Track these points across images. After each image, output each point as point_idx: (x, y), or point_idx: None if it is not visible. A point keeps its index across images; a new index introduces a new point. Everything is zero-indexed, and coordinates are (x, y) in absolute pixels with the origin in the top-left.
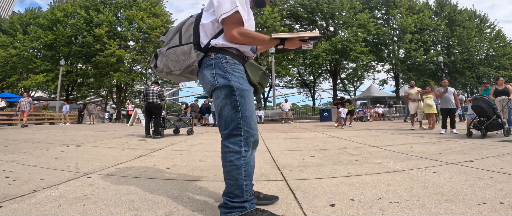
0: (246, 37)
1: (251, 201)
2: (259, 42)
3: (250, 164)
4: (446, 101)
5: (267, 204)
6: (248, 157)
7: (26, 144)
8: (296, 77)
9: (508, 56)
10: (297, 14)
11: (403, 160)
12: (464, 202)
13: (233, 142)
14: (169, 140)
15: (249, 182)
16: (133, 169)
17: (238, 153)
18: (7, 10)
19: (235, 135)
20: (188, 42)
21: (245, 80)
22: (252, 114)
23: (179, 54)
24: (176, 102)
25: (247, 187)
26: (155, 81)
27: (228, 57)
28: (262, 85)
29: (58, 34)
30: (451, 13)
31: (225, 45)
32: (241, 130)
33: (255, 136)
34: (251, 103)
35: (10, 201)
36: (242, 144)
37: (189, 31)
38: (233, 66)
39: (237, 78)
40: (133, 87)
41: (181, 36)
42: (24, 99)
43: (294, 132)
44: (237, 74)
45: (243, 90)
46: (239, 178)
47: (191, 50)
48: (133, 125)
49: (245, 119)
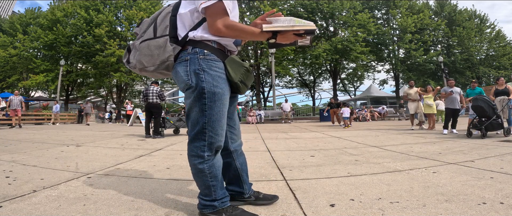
0: (232, 30)
1: (222, 200)
2: (248, 35)
3: (215, 166)
4: (452, 101)
5: (266, 204)
6: (211, 161)
7: (26, 144)
8: (296, 77)
9: (508, 56)
10: (297, 14)
11: (403, 160)
12: (464, 202)
13: (197, 146)
14: (169, 140)
15: (216, 182)
16: (133, 169)
17: (200, 158)
18: (7, 10)
19: (199, 139)
20: (163, 35)
21: (223, 79)
22: (220, 119)
23: (153, 48)
24: (176, 102)
25: (215, 187)
26: (155, 81)
27: (206, 52)
28: (244, 83)
29: (58, 34)
30: (451, 13)
31: (204, 38)
32: (205, 135)
33: (219, 142)
34: (222, 107)
35: (10, 201)
36: (205, 149)
37: (165, 22)
38: (210, 63)
39: (212, 78)
40: (133, 87)
41: (156, 28)
42: (15, 97)
43: (294, 132)
44: (214, 72)
45: (214, 93)
46: (204, 179)
47: (166, 43)
48: (133, 125)
49: (211, 124)
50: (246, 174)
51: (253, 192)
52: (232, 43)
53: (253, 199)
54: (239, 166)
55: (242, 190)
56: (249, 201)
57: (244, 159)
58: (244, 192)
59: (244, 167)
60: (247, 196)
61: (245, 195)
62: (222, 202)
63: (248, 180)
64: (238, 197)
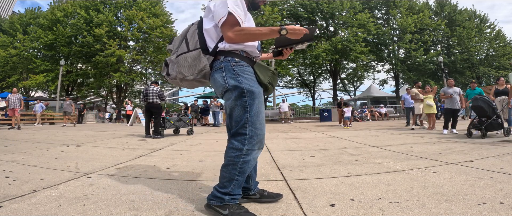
0: (242, 34)
1: (233, 197)
2: (259, 35)
3: (249, 163)
4: (452, 101)
5: (270, 202)
6: (248, 156)
7: (26, 144)
8: (296, 77)
9: (508, 56)
10: (297, 14)
11: (403, 160)
12: (464, 202)
13: (238, 139)
14: (169, 140)
15: (241, 179)
16: (133, 169)
17: (239, 151)
18: (7, 10)
19: (241, 134)
20: (196, 48)
21: (255, 81)
22: (259, 114)
23: (190, 60)
24: (176, 102)
25: (237, 183)
26: (155, 81)
27: (237, 60)
28: (272, 85)
29: (58, 34)
30: (451, 13)
31: (233, 48)
32: (246, 129)
33: (259, 136)
34: (260, 104)
35: (10, 201)
36: (246, 142)
37: (194, 37)
38: (243, 68)
39: (247, 80)
40: (133, 87)
41: (187, 43)
42: (13, 95)
43: (294, 132)
44: (247, 75)
45: (252, 92)
46: (233, 172)
47: (200, 54)
48: (133, 125)
49: (251, 119)
50: (255, 171)
51: (259, 190)
52: (256, 49)
53: (258, 197)
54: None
55: (248, 186)
56: (254, 199)
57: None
58: (250, 188)
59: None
60: (252, 193)
61: (251, 191)
62: (232, 198)
63: (256, 177)
64: (244, 194)
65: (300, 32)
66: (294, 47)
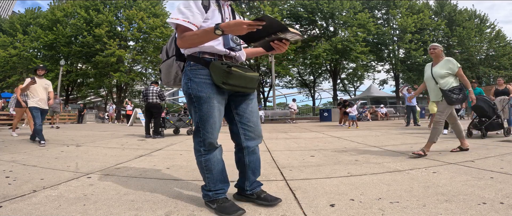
0: (183, 40)
1: (216, 191)
2: (196, 38)
3: (211, 161)
4: None
5: (265, 205)
6: (207, 155)
7: (26, 144)
8: (296, 77)
9: (508, 56)
10: (297, 14)
11: (403, 160)
12: (464, 202)
13: (196, 141)
14: (169, 140)
15: (211, 176)
16: (133, 169)
17: (198, 151)
18: (7, 10)
19: (196, 136)
20: (172, 55)
21: (208, 84)
22: (209, 119)
23: (166, 68)
24: (176, 102)
25: (209, 180)
26: (155, 81)
27: (192, 63)
28: (228, 84)
29: (58, 34)
30: (451, 13)
31: (191, 52)
32: (200, 132)
33: (209, 139)
34: (209, 109)
35: (10, 201)
36: (201, 144)
37: (172, 45)
38: (196, 72)
39: (196, 84)
40: (133, 87)
41: (167, 51)
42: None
43: (294, 132)
44: (198, 79)
45: (199, 97)
46: (201, 171)
47: (173, 62)
48: (133, 125)
49: (202, 123)
50: (252, 172)
51: (258, 190)
52: (216, 47)
53: (255, 197)
54: (247, 163)
55: (243, 186)
56: (251, 199)
57: (256, 158)
58: (245, 188)
59: (252, 165)
60: (248, 192)
61: (247, 191)
62: (215, 193)
63: (255, 179)
64: (242, 192)
65: (238, 27)
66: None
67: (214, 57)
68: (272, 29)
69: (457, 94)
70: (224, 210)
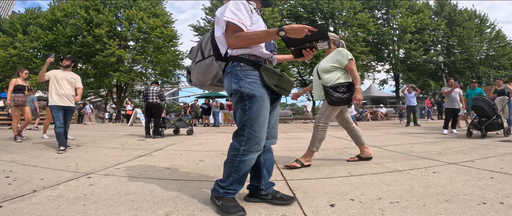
0: (239, 39)
1: (227, 191)
2: (257, 39)
3: (244, 163)
4: (452, 101)
5: (282, 204)
6: (244, 157)
7: (26, 144)
8: (296, 77)
9: (508, 56)
10: (297, 14)
11: (403, 160)
12: (464, 202)
13: (237, 140)
14: (169, 140)
15: (237, 176)
16: (133, 169)
17: (237, 150)
18: (7, 10)
19: (239, 135)
20: (209, 55)
21: (258, 85)
22: (258, 118)
23: (204, 67)
24: (176, 102)
25: (232, 180)
26: (155, 81)
27: (242, 64)
28: (280, 87)
29: (58, 34)
30: (451, 13)
31: (240, 53)
32: (244, 131)
33: (256, 139)
34: (260, 108)
35: (10, 201)
36: (243, 143)
37: (208, 45)
38: (247, 72)
39: (248, 84)
40: (133, 87)
41: (202, 51)
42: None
43: (294, 132)
44: (249, 79)
45: (252, 96)
46: (230, 169)
47: (212, 61)
48: (133, 125)
49: (250, 122)
50: (267, 171)
51: (272, 191)
52: (264, 51)
53: (270, 198)
54: (262, 161)
55: (259, 185)
56: (266, 199)
57: (270, 156)
58: (261, 188)
59: (267, 163)
60: (263, 193)
61: (262, 191)
62: (226, 192)
63: (269, 178)
64: (256, 193)
65: (301, 30)
66: (316, 46)
67: (261, 60)
68: (315, 37)
69: (341, 92)
70: (227, 210)
